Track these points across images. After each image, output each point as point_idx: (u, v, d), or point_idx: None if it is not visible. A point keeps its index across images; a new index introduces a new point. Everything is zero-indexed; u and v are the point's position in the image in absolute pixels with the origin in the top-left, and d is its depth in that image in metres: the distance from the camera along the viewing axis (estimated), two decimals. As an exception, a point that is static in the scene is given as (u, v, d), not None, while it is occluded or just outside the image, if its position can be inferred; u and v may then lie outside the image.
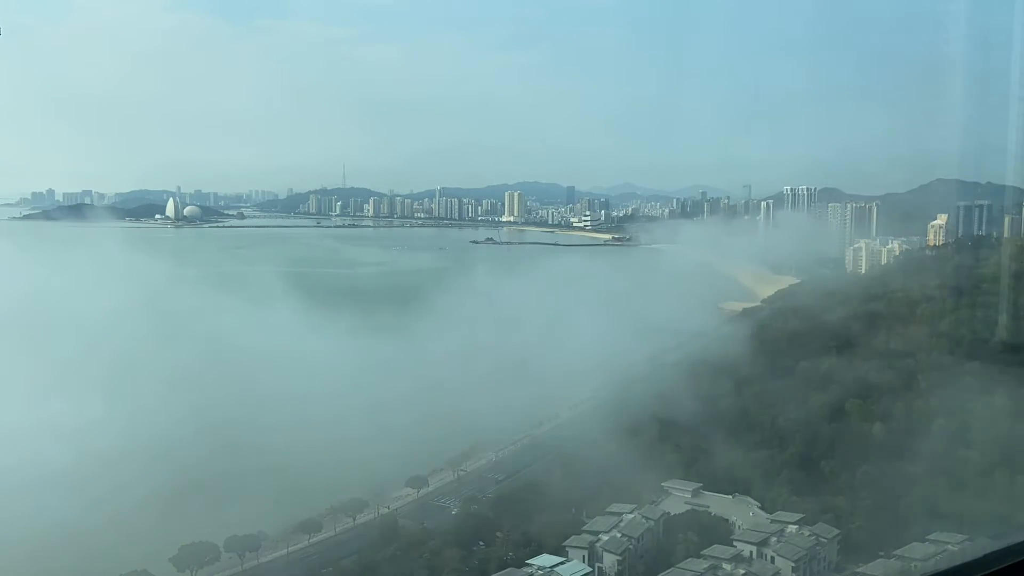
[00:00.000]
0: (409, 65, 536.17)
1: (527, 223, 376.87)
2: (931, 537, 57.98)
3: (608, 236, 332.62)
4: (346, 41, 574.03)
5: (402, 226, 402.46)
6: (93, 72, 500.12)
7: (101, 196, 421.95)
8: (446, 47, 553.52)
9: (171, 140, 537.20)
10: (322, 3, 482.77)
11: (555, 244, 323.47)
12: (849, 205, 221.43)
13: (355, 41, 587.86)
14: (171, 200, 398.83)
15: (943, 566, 7.07)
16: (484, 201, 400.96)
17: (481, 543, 68.76)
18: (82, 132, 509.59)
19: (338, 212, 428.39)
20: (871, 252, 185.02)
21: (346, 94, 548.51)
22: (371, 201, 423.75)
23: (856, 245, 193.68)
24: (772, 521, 66.71)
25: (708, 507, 71.12)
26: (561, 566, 59.51)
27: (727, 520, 69.11)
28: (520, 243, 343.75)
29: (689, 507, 71.31)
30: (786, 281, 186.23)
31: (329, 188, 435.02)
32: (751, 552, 61.39)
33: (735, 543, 62.64)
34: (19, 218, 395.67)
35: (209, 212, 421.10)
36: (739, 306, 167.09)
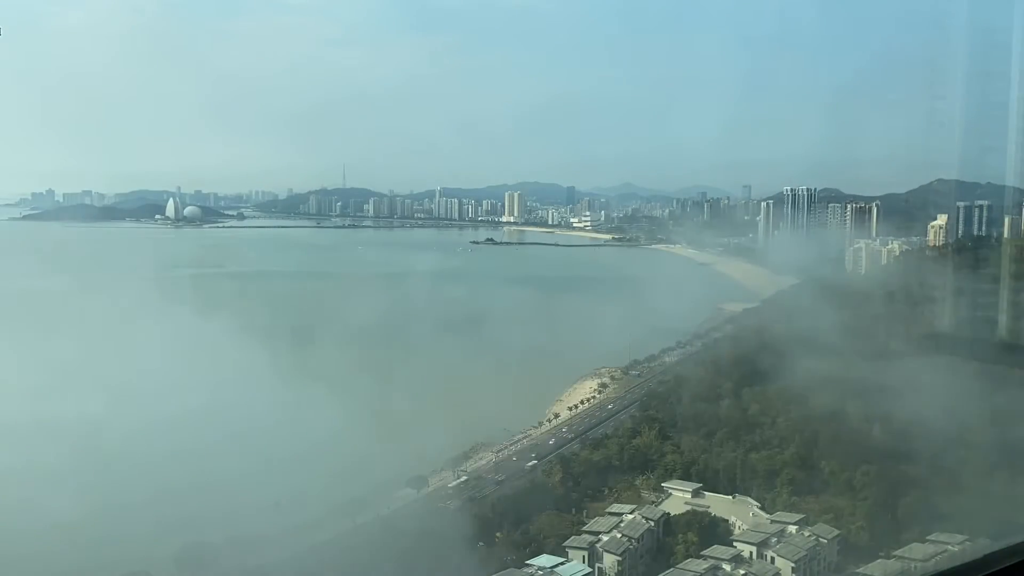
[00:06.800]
0: (408, 65, 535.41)
1: (527, 223, 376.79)
2: (931, 537, 58.02)
3: (608, 236, 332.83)
4: (337, 42, 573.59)
5: (402, 227, 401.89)
6: (91, 73, 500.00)
7: (101, 196, 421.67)
8: (440, 46, 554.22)
9: (170, 140, 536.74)
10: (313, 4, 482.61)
11: (555, 244, 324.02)
12: (849, 205, 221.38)
13: (347, 42, 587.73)
14: (171, 200, 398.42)
15: (943, 566, 7.02)
16: (484, 201, 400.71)
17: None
18: (82, 132, 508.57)
19: (338, 212, 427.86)
20: (871, 252, 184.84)
21: (345, 94, 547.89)
22: (371, 201, 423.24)
23: (856, 245, 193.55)
24: (772, 522, 66.77)
25: (708, 507, 71.18)
26: (561, 566, 59.53)
27: (727, 520, 69.17)
28: (520, 243, 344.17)
29: (689, 507, 71.37)
30: (786, 282, 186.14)
31: (329, 188, 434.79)
32: (751, 553, 61.41)
33: (735, 544, 62.68)
34: (19, 219, 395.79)
35: (209, 212, 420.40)
36: (739, 306, 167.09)
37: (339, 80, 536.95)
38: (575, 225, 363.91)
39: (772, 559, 60.65)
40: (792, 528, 64.42)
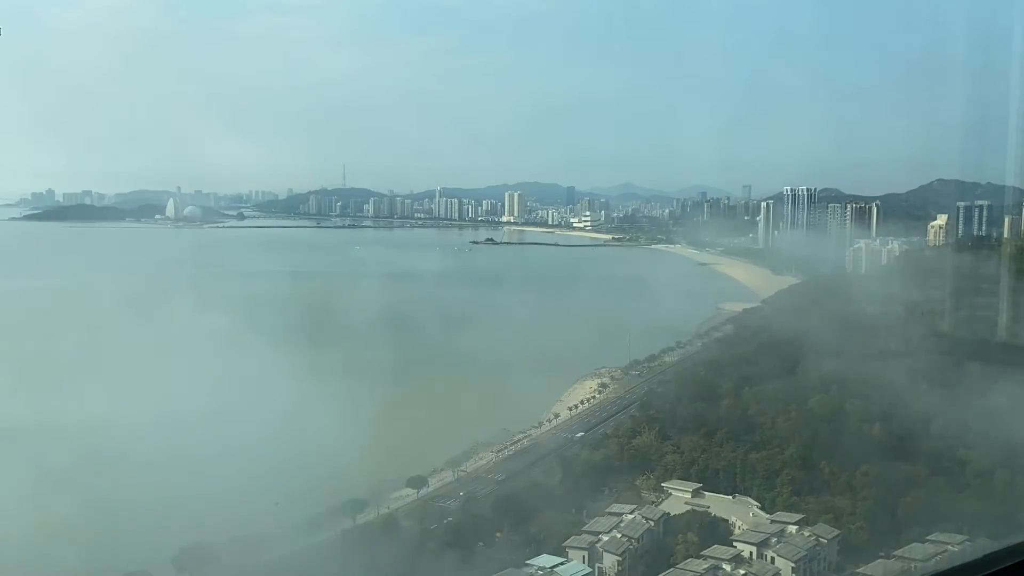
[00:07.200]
0: (408, 66, 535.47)
1: (527, 223, 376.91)
2: (931, 537, 58.05)
3: (608, 236, 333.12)
4: (337, 43, 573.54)
5: (402, 227, 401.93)
6: (91, 73, 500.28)
7: (101, 196, 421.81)
8: (441, 47, 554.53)
9: (170, 140, 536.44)
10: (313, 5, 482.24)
11: (555, 244, 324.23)
12: (849, 205, 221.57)
13: (347, 43, 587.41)
14: (171, 200, 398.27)
15: (943, 566, 7.01)
16: (484, 201, 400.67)
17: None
18: (82, 132, 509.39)
19: (338, 213, 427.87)
20: (871, 252, 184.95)
21: (345, 95, 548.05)
22: (371, 201, 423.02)
23: (856, 245, 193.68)
24: (772, 521, 66.75)
25: (708, 507, 71.17)
26: (561, 566, 59.50)
27: (727, 520, 69.17)
28: (520, 243, 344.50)
29: (689, 507, 71.36)
30: (786, 281, 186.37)
31: (329, 188, 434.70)
32: (751, 553, 61.39)
33: (735, 543, 62.65)
34: (19, 218, 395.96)
35: (209, 212, 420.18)
36: (739, 307, 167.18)
37: (339, 81, 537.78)
38: (575, 225, 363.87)
39: (772, 559, 60.63)
40: (792, 528, 64.41)
